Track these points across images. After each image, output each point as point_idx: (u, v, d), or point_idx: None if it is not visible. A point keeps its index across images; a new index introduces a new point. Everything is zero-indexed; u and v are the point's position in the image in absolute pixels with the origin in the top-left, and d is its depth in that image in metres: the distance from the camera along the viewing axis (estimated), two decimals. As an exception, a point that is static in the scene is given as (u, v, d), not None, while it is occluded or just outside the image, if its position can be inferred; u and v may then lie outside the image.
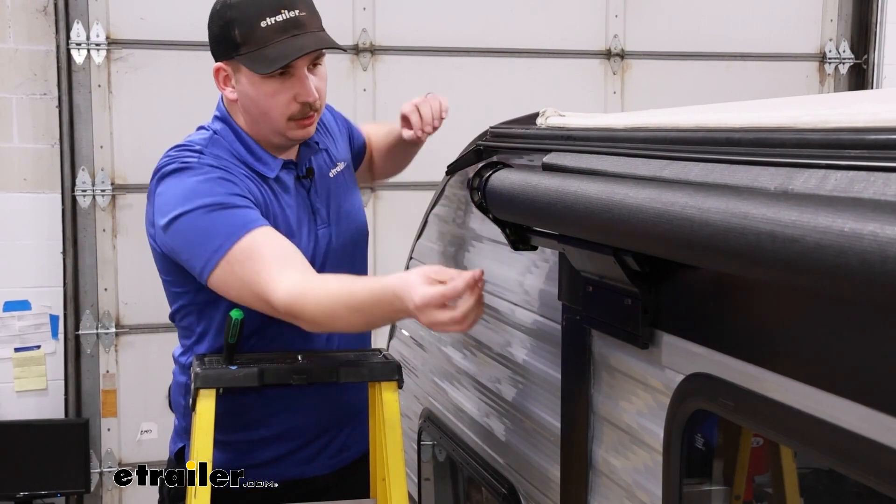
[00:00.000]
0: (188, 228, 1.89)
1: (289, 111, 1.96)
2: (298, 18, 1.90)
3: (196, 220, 1.88)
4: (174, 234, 1.92)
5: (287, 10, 1.89)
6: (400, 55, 4.43)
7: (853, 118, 0.98)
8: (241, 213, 1.89)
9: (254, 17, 1.89)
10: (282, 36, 1.88)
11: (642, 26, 4.71)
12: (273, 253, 1.86)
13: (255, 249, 1.85)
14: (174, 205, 1.91)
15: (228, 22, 1.92)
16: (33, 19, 4.15)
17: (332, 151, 2.19)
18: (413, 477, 2.56)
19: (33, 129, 4.18)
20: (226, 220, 1.87)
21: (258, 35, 1.89)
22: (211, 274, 1.89)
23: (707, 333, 1.24)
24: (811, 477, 1.70)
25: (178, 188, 1.92)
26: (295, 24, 1.89)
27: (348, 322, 1.82)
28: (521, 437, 1.90)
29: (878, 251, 0.79)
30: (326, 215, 2.10)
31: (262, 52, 1.89)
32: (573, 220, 1.36)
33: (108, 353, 4.26)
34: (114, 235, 4.22)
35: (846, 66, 4.97)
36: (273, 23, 1.88)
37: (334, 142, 2.22)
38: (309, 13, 1.93)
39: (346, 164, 2.23)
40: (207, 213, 1.88)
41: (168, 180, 1.95)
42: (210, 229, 1.87)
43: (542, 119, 1.79)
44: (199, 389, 1.93)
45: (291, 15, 1.89)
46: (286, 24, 1.89)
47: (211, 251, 1.87)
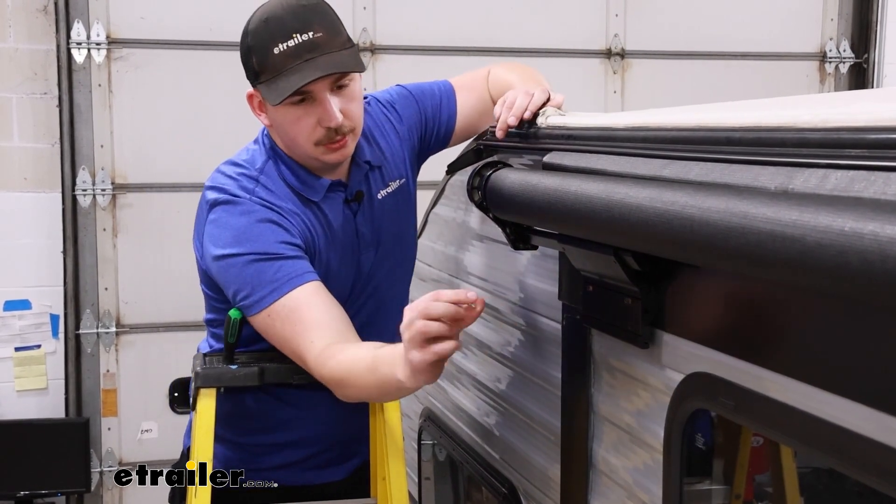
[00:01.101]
0: (236, 272, 1.88)
1: (314, 137, 1.89)
2: (313, 41, 1.83)
3: (244, 266, 1.87)
4: (222, 270, 1.90)
5: (300, 33, 1.82)
6: (400, 54, 4.43)
7: (853, 117, 0.98)
8: (290, 265, 1.86)
9: (267, 44, 1.83)
10: (295, 62, 1.82)
11: (642, 25, 4.71)
12: (313, 317, 1.84)
13: (298, 309, 1.84)
14: (224, 243, 1.89)
15: (247, 50, 1.88)
16: (33, 18, 4.15)
17: (385, 169, 2.08)
18: (413, 476, 2.56)
19: (34, 129, 4.19)
20: (273, 273, 1.85)
21: (272, 62, 1.84)
22: (253, 318, 1.89)
23: (707, 333, 1.24)
24: (811, 476, 1.70)
25: (230, 226, 1.90)
26: (309, 48, 1.82)
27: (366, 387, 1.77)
28: (522, 437, 1.90)
29: (878, 251, 0.79)
30: (371, 238, 2.05)
31: (276, 81, 1.84)
32: (573, 219, 1.36)
33: (109, 352, 4.26)
34: (114, 235, 4.22)
35: (846, 65, 4.97)
36: (285, 48, 1.82)
37: (391, 156, 2.11)
38: (327, 33, 1.85)
39: (403, 180, 2.12)
40: (255, 261, 1.86)
41: (220, 211, 1.92)
42: (256, 278, 1.86)
43: (542, 118, 1.78)
44: (200, 388, 1.94)
45: (304, 38, 1.82)
46: (298, 49, 1.82)
47: (255, 300, 1.86)
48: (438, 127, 2.17)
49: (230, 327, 1.92)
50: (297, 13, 1.84)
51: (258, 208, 1.91)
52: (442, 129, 2.18)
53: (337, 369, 1.78)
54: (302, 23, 1.83)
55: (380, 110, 2.12)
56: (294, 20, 1.83)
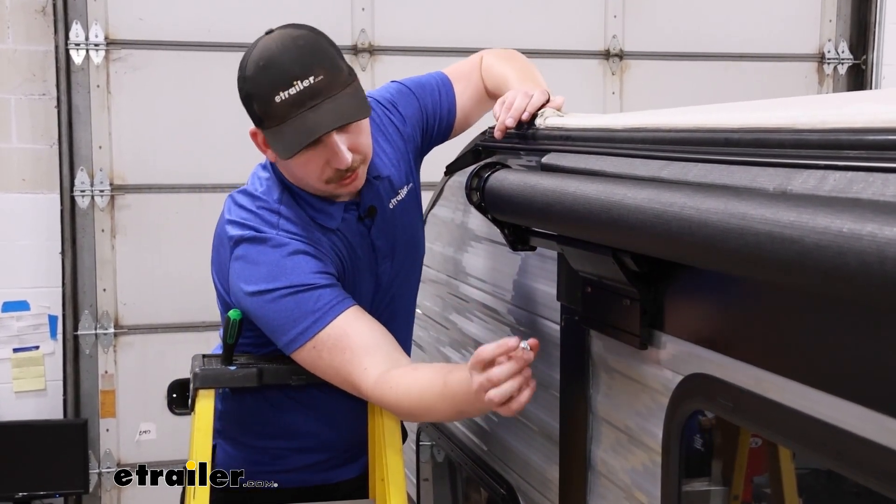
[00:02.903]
0: (274, 307, 1.84)
1: (324, 176, 1.85)
2: (314, 87, 1.76)
3: (282, 300, 1.83)
4: (258, 307, 1.86)
5: (300, 79, 1.75)
6: (399, 55, 4.43)
7: (852, 119, 0.98)
8: (328, 294, 1.84)
9: (268, 92, 1.77)
10: (298, 110, 1.76)
11: (641, 26, 4.71)
12: (361, 342, 1.82)
13: (344, 336, 1.82)
14: (257, 279, 1.86)
15: (248, 97, 1.83)
16: (32, 19, 4.15)
17: (394, 177, 2.04)
18: (412, 477, 2.56)
19: (32, 130, 4.18)
20: (313, 304, 1.83)
21: (274, 111, 1.77)
22: (296, 353, 1.86)
23: (706, 334, 1.24)
24: (809, 477, 1.70)
25: (261, 262, 1.87)
26: (311, 94, 1.76)
27: (441, 413, 1.81)
28: (520, 438, 1.90)
29: (876, 252, 0.79)
30: (387, 250, 2.03)
31: (281, 130, 1.78)
32: (572, 220, 1.36)
33: (107, 353, 4.25)
34: (112, 236, 4.22)
35: (845, 66, 4.97)
36: (287, 97, 1.75)
37: (398, 161, 2.07)
38: (328, 75, 1.77)
39: (411, 184, 2.10)
40: (293, 294, 1.83)
41: (247, 247, 1.89)
42: (296, 311, 1.83)
43: (540, 119, 1.78)
44: (199, 389, 1.93)
45: (305, 84, 1.75)
46: (301, 97, 1.75)
47: (296, 333, 1.83)
48: (440, 121, 2.15)
49: (229, 328, 1.92)
50: (296, 57, 1.77)
51: (287, 240, 1.87)
52: (443, 123, 2.16)
53: (405, 399, 1.78)
54: (302, 67, 1.76)
55: (383, 113, 2.08)
56: (294, 65, 1.76)
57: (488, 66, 2.16)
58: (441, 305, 2.38)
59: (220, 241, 1.97)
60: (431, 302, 2.46)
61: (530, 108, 1.81)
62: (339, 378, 1.86)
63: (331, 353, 1.83)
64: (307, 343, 1.83)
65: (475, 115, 2.19)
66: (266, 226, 1.89)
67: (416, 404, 1.78)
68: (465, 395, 1.64)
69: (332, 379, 1.87)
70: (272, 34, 1.81)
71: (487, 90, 2.15)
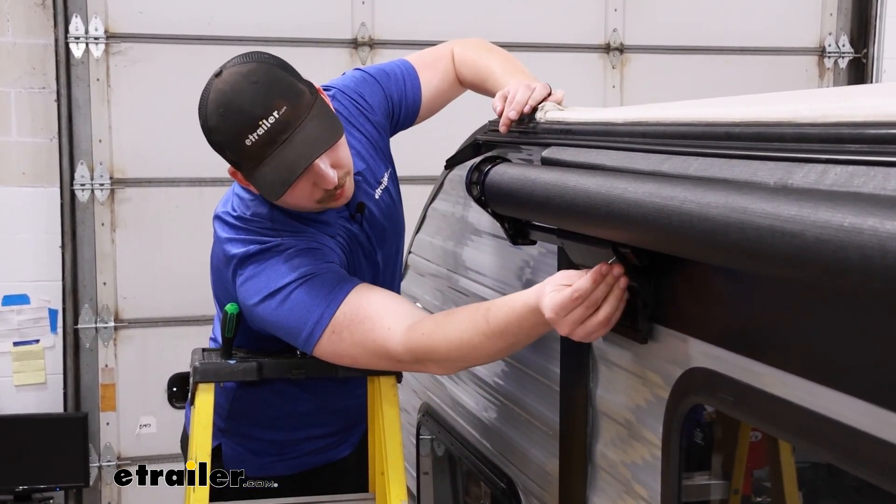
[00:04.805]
0: (286, 305, 1.82)
1: (315, 198, 1.83)
2: (280, 121, 1.71)
3: (291, 296, 1.82)
4: (271, 311, 1.84)
5: (264, 118, 1.70)
6: (399, 49, 4.42)
7: (853, 112, 0.98)
8: (332, 277, 1.84)
9: (235, 138, 1.73)
10: (271, 148, 1.72)
11: (641, 20, 4.70)
12: (378, 307, 1.79)
13: (359, 308, 1.79)
14: (267, 283, 1.85)
15: (216, 144, 1.80)
16: (32, 13, 4.14)
17: (374, 168, 2.05)
18: (412, 471, 2.56)
19: (32, 123, 4.18)
20: (320, 290, 1.81)
21: (248, 153, 1.74)
22: (317, 346, 1.82)
23: (706, 328, 1.24)
24: (809, 471, 1.70)
25: (267, 268, 1.86)
26: (280, 130, 1.71)
27: (488, 351, 1.68)
28: (520, 432, 1.90)
29: (877, 246, 0.79)
30: (379, 237, 2.06)
31: (260, 172, 1.75)
32: (572, 214, 1.36)
33: (107, 347, 4.25)
34: (112, 229, 4.22)
35: (846, 60, 4.96)
36: (256, 138, 1.71)
37: (375, 151, 2.08)
38: (290, 105, 1.73)
39: (389, 169, 2.11)
40: (300, 284, 1.82)
41: (252, 265, 1.87)
42: (307, 301, 1.81)
43: (541, 113, 1.78)
44: (198, 383, 1.93)
45: (271, 122, 1.71)
46: (270, 135, 1.71)
47: (312, 324, 1.80)
48: (405, 110, 2.15)
49: (227, 322, 1.92)
50: (254, 95, 1.72)
51: (289, 241, 1.87)
52: (409, 111, 2.15)
53: (443, 345, 1.70)
54: (263, 106, 1.71)
55: (350, 104, 2.06)
56: (254, 106, 1.71)
57: (465, 56, 2.16)
58: (441, 299, 2.38)
59: (219, 262, 1.96)
60: (431, 296, 2.46)
61: (532, 102, 1.80)
62: (366, 353, 1.81)
63: (351, 331, 1.79)
64: (325, 331, 1.80)
65: (440, 104, 2.20)
66: (266, 237, 1.88)
67: (456, 347, 1.69)
68: (517, 326, 1.57)
69: (360, 358, 1.82)
70: (221, 76, 1.77)
71: (466, 81, 2.15)
